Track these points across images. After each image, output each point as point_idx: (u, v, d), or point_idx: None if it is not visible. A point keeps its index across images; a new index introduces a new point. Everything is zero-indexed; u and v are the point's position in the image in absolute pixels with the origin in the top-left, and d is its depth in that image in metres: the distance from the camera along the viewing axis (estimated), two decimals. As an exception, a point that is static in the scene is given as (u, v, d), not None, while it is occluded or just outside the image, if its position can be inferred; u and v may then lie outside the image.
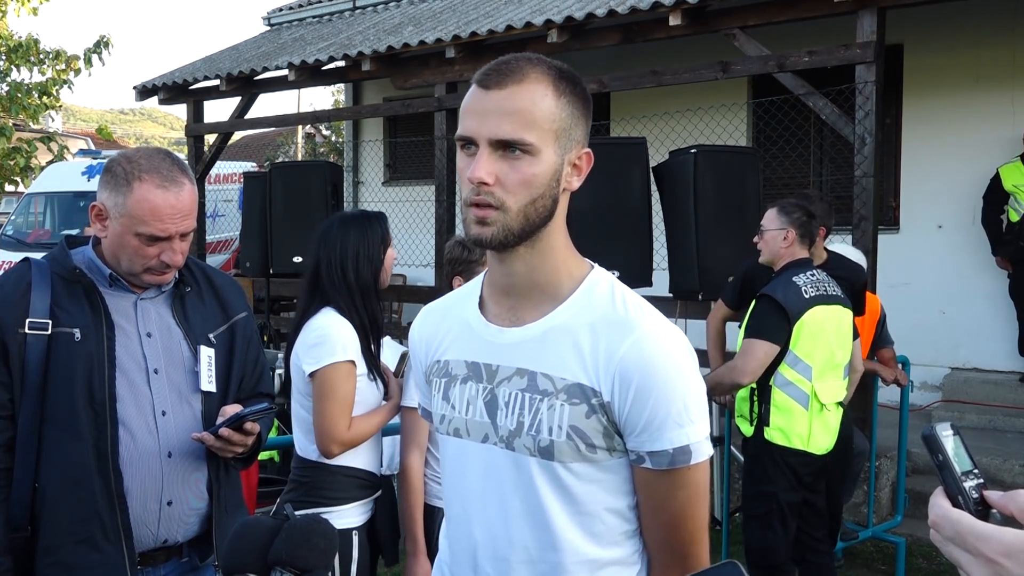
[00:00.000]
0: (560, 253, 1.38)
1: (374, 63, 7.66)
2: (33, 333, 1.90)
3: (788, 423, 3.55)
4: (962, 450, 0.90)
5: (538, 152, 1.29)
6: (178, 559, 2.07)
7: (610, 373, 1.31)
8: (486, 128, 1.28)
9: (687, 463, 1.31)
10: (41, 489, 1.91)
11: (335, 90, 22.29)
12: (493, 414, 1.38)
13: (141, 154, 1.99)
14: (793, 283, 3.57)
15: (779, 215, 3.72)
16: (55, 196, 11.20)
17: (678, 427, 1.30)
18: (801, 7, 5.68)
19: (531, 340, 1.37)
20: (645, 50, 7.00)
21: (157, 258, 1.97)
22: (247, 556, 1.47)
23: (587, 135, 1.37)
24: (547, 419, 1.33)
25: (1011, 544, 0.82)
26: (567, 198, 1.37)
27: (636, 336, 1.31)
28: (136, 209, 1.92)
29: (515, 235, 1.31)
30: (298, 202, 7.31)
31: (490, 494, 1.39)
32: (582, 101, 1.34)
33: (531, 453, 1.34)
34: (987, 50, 6.87)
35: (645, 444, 1.31)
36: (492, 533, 1.39)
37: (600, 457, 1.33)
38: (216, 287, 2.20)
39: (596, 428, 1.32)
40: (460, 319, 1.47)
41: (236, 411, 2.01)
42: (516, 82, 1.29)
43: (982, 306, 6.89)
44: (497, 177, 1.28)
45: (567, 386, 1.33)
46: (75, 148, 13.71)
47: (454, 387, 1.44)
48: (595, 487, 1.34)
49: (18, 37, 9.60)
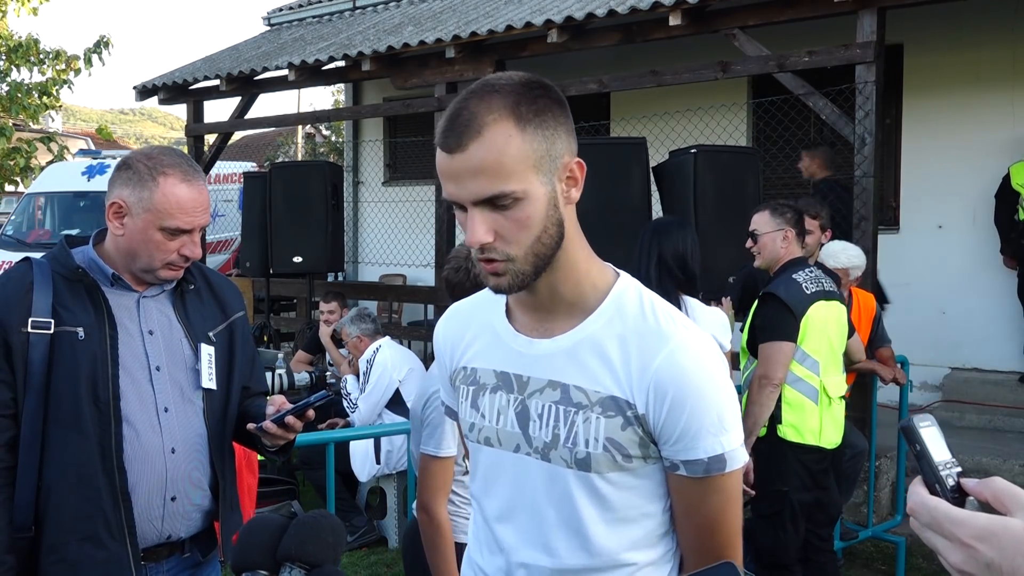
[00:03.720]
0: (581, 266, 1.37)
1: (374, 63, 7.66)
2: (36, 332, 1.91)
3: (800, 419, 3.58)
4: (940, 440, 0.92)
5: (525, 193, 1.26)
6: (180, 555, 2.08)
7: (644, 385, 1.31)
8: (466, 192, 1.26)
9: (722, 471, 1.32)
10: (45, 487, 1.91)
11: (335, 90, 22.29)
12: (525, 425, 1.39)
13: (159, 151, 2.05)
14: (794, 280, 3.60)
15: (773, 217, 3.74)
16: (55, 196, 11.20)
17: (713, 436, 1.31)
18: (801, 7, 5.68)
19: (561, 352, 1.37)
20: (645, 50, 7.00)
21: (177, 252, 2.00)
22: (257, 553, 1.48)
23: (571, 141, 1.32)
24: (583, 432, 1.33)
25: (984, 528, 0.84)
26: (573, 211, 1.35)
27: (670, 348, 1.31)
28: (163, 203, 1.96)
29: (530, 276, 1.31)
30: (298, 202, 7.31)
31: (523, 502, 1.40)
32: (552, 113, 1.29)
33: (568, 465, 1.35)
34: (987, 50, 6.87)
35: (680, 453, 1.32)
36: (528, 540, 1.40)
37: (635, 465, 1.34)
38: (214, 286, 2.22)
39: (632, 439, 1.33)
40: (487, 325, 1.47)
41: (283, 401, 2.03)
42: (475, 138, 1.24)
43: (982, 306, 6.89)
44: (495, 232, 1.28)
45: (601, 399, 1.33)
46: (75, 148, 13.71)
47: (483, 396, 1.45)
48: (631, 494, 1.36)
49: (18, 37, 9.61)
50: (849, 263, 4.55)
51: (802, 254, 3.78)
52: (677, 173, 5.25)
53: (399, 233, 10.12)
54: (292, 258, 7.33)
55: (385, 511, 5.36)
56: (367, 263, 10.98)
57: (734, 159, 5.42)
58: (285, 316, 9.95)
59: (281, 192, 7.39)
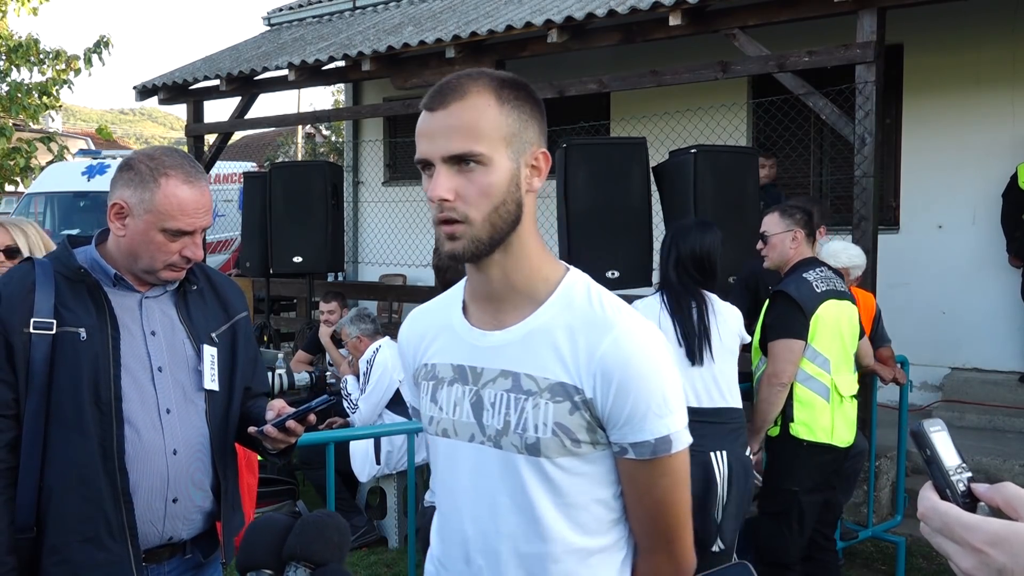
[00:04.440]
0: (534, 256, 1.44)
1: (374, 63, 7.66)
2: (38, 333, 1.91)
3: (811, 417, 3.58)
4: (950, 445, 0.92)
5: (490, 161, 1.34)
6: (182, 556, 2.08)
7: (591, 371, 1.37)
8: (437, 147, 1.36)
9: (668, 452, 1.38)
10: (47, 488, 1.91)
11: (335, 90, 22.31)
12: (479, 414, 1.45)
13: (161, 152, 2.03)
14: (804, 279, 3.63)
15: (782, 218, 3.78)
16: (55, 196, 11.20)
17: (658, 418, 1.37)
18: (801, 7, 5.68)
19: (513, 342, 1.43)
20: (645, 50, 7.00)
21: (179, 253, 2.00)
22: (262, 553, 1.49)
23: (542, 136, 1.42)
24: (532, 417, 1.39)
25: (996, 533, 0.84)
26: (532, 200, 1.42)
27: (615, 335, 1.37)
28: (164, 204, 1.95)
29: (485, 244, 1.37)
30: (298, 202, 7.31)
31: (479, 490, 1.45)
32: (529, 105, 1.40)
33: (519, 451, 1.40)
34: (987, 50, 6.88)
35: (628, 436, 1.38)
36: (482, 527, 1.45)
37: (584, 451, 1.39)
38: (216, 287, 2.21)
39: (580, 424, 1.38)
40: (445, 323, 1.54)
41: (283, 406, 2.03)
42: (458, 99, 1.35)
43: (982, 306, 6.89)
44: (456, 192, 1.35)
45: (550, 385, 1.39)
46: (75, 148, 13.71)
47: (441, 389, 1.50)
48: (581, 479, 1.41)
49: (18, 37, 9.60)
50: (850, 263, 4.55)
51: (812, 254, 3.80)
52: (677, 173, 5.25)
53: (399, 233, 10.12)
54: (292, 258, 7.33)
55: (385, 511, 5.36)
56: (367, 263, 10.98)
57: (734, 159, 5.42)
58: (285, 316, 9.95)
59: (281, 192, 7.38)
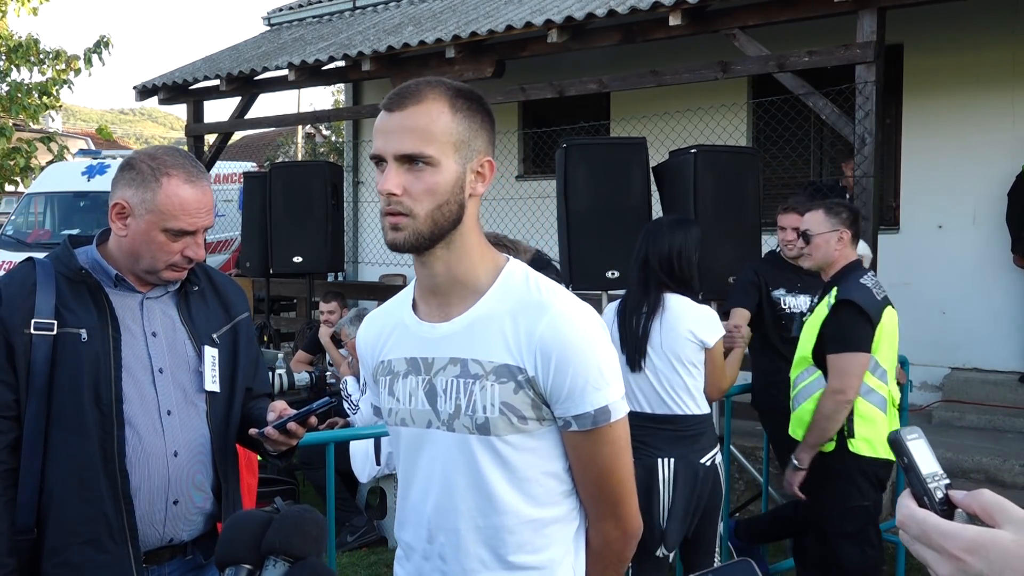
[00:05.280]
0: (476, 251, 1.54)
1: (374, 63, 7.66)
2: (39, 334, 1.90)
3: (873, 432, 3.39)
4: (927, 453, 0.93)
5: (438, 163, 1.44)
6: (183, 557, 2.08)
7: (532, 351, 1.47)
8: (391, 145, 1.45)
9: (608, 421, 1.49)
10: (47, 490, 1.91)
11: (335, 90, 22.30)
12: (433, 401, 1.54)
13: (162, 152, 2.03)
14: (864, 286, 3.42)
15: (828, 216, 3.52)
16: (55, 196, 11.20)
17: (596, 391, 1.47)
18: (801, 7, 5.68)
19: (460, 331, 1.53)
20: (645, 50, 7.00)
21: (180, 253, 1.99)
22: (241, 548, 1.49)
23: (490, 146, 1.53)
24: (480, 399, 1.49)
25: (973, 541, 0.85)
26: (476, 203, 1.53)
27: (550, 315, 1.47)
28: (166, 204, 1.95)
29: (425, 238, 1.47)
30: (298, 202, 7.31)
31: (436, 473, 1.54)
32: (480, 116, 1.50)
33: (470, 431, 1.50)
34: (987, 50, 6.88)
35: (570, 409, 1.48)
36: (441, 507, 1.54)
37: (532, 427, 1.49)
38: (218, 287, 2.21)
39: (525, 401, 1.48)
40: (398, 321, 1.63)
41: (284, 407, 2.03)
42: (415, 103, 1.45)
43: (982, 306, 6.89)
44: (404, 188, 1.44)
45: (495, 367, 1.49)
46: (75, 148, 13.71)
47: (397, 382, 1.60)
48: (530, 455, 1.51)
49: (18, 37, 9.61)
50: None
51: (857, 257, 3.58)
52: (677, 173, 5.24)
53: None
54: (292, 258, 7.33)
55: (385, 511, 5.37)
56: (367, 263, 10.98)
57: (734, 159, 5.42)
58: (285, 316, 9.95)
59: (281, 192, 7.39)
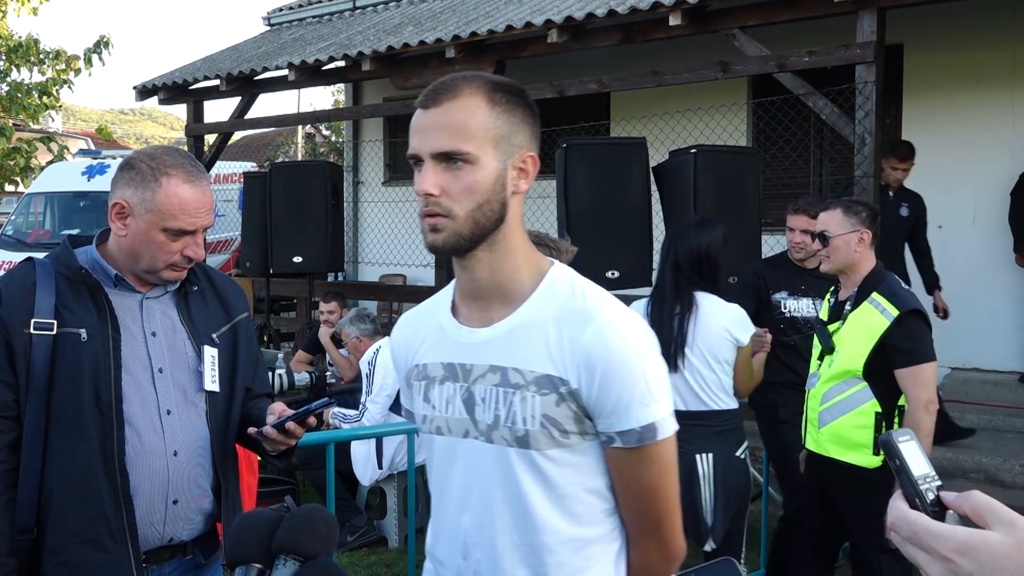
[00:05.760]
0: (519, 253, 1.46)
1: (374, 63, 7.66)
2: (38, 333, 1.90)
3: None
4: (919, 454, 0.93)
5: (477, 160, 1.38)
6: (182, 557, 2.08)
7: (575, 361, 1.39)
8: (427, 143, 1.39)
9: (654, 439, 1.40)
10: (47, 490, 1.91)
11: (335, 90, 22.31)
12: (471, 410, 1.47)
13: (162, 151, 2.03)
14: (911, 291, 3.33)
15: (847, 216, 3.36)
16: (55, 196, 11.20)
17: (643, 406, 1.39)
18: (801, 7, 5.68)
19: (500, 338, 1.45)
20: (645, 50, 7.00)
21: (180, 253, 1.99)
22: (251, 547, 1.49)
23: (534, 140, 1.45)
24: (521, 410, 1.41)
25: (964, 542, 0.85)
26: (519, 201, 1.45)
27: (596, 324, 1.40)
28: (166, 204, 1.95)
29: (466, 239, 1.40)
30: (298, 202, 7.31)
31: (474, 485, 1.47)
32: (521, 109, 1.43)
33: (509, 444, 1.43)
34: (987, 50, 6.88)
35: (614, 425, 1.40)
36: (479, 521, 1.47)
37: (573, 442, 1.42)
38: (217, 287, 2.21)
39: (567, 415, 1.40)
40: (435, 324, 1.56)
41: (283, 409, 2.03)
42: (450, 99, 1.39)
43: (982, 306, 6.88)
44: (442, 188, 1.38)
45: (536, 377, 1.41)
46: (75, 148, 13.71)
47: (433, 388, 1.53)
48: (571, 470, 1.43)
49: (18, 37, 9.61)
50: None
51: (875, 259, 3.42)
52: (677, 173, 5.24)
53: (399, 233, 10.12)
54: (292, 258, 7.33)
55: (385, 511, 5.37)
56: (367, 263, 10.98)
57: (734, 159, 5.42)
58: (285, 316, 9.95)
59: (281, 192, 7.39)
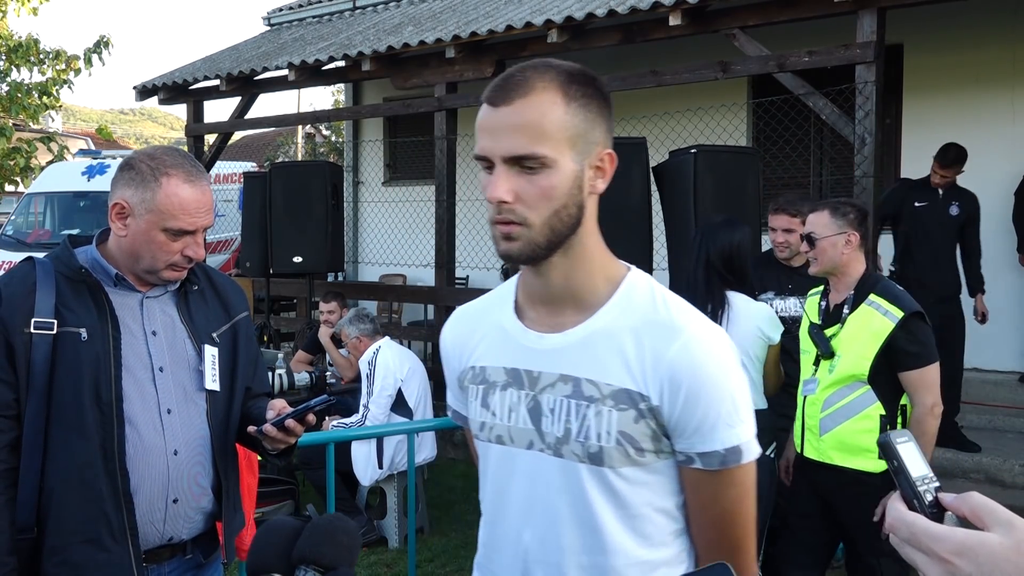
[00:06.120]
0: (596, 258, 1.38)
1: (374, 63, 7.66)
2: (39, 333, 1.91)
3: None
4: (917, 456, 0.93)
5: (554, 163, 1.27)
6: (182, 556, 2.09)
7: (658, 377, 1.31)
8: (499, 146, 1.28)
9: (738, 463, 1.32)
10: (47, 489, 1.91)
11: (335, 90, 22.32)
12: (537, 421, 1.38)
13: (162, 151, 2.04)
14: (906, 292, 3.28)
15: (834, 217, 3.30)
16: (55, 196, 11.21)
17: (728, 428, 1.31)
18: (801, 7, 5.68)
19: (573, 346, 1.36)
20: (645, 50, 7.00)
21: (180, 253, 2.00)
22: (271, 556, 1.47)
23: (609, 135, 1.35)
24: (595, 425, 1.33)
25: (962, 543, 0.85)
26: (595, 201, 1.36)
27: (684, 339, 1.31)
28: (166, 204, 1.95)
29: (542, 248, 1.31)
30: (298, 202, 7.31)
31: (537, 499, 1.39)
32: (598, 102, 1.32)
33: (580, 459, 1.34)
34: (987, 50, 6.88)
35: (696, 445, 1.32)
36: (542, 538, 1.39)
37: (648, 460, 1.34)
38: (217, 287, 2.21)
39: (645, 432, 1.32)
40: (495, 324, 1.46)
41: (283, 405, 2.03)
42: (522, 95, 1.27)
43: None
44: (516, 194, 1.28)
45: (613, 391, 1.33)
46: (75, 148, 13.71)
47: (493, 394, 1.44)
48: (644, 489, 1.35)
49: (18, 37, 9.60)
50: None
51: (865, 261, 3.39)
52: (677, 173, 5.24)
53: (399, 233, 10.12)
54: (292, 258, 7.32)
55: (385, 511, 5.36)
56: (367, 263, 10.98)
57: (734, 159, 5.41)
58: (285, 316, 9.95)
59: (281, 192, 7.38)
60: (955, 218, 5.83)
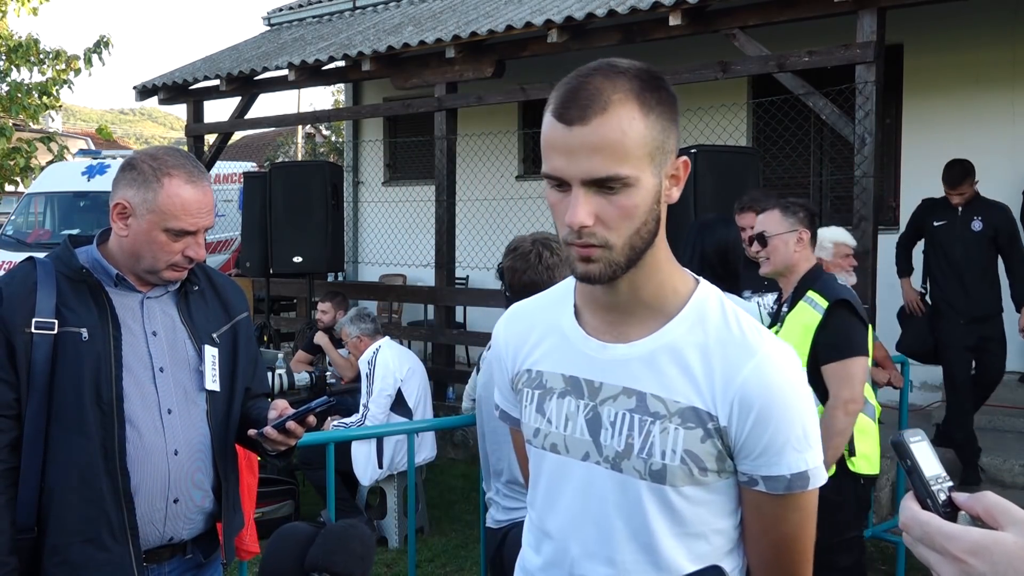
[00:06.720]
0: (664, 268, 1.33)
1: (374, 63, 7.66)
2: (39, 333, 1.91)
3: (871, 447, 3.18)
4: (930, 455, 0.93)
5: (636, 180, 1.21)
6: (182, 556, 2.09)
7: (728, 398, 1.27)
8: (577, 168, 1.20)
9: (804, 488, 1.29)
10: (48, 489, 1.91)
11: (335, 90, 22.31)
12: (596, 432, 1.34)
13: (163, 152, 2.04)
14: (846, 286, 3.21)
15: (785, 216, 3.28)
16: (55, 196, 11.21)
17: (797, 453, 1.27)
18: (801, 7, 5.68)
19: (638, 359, 1.32)
20: (645, 50, 6.98)
21: (181, 253, 2.00)
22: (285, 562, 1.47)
23: (678, 140, 1.29)
24: (660, 442, 1.29)
25: (976, 543, 0.85)
26: (666, 209, 1.31)
27: (757, 360, 1.27)
28: (167, 204, 1.95)
29: (623, 268, 1.26)
30: (298, 202, 7.31)
31: (590, 512, 1.35)
32: (670, 105, 1.26)
33: (641, 476, 1.31)
34: (987, 50, 6.88)
35: (761, 468, 1.29)
36: (591, 551, 1.35)
37: (710, 480, 1.31)
38: (217, 287, 2.22)
39: (710, 452, 1.29)
40: (553, 327, 1.42)
41: (285, 406, 2.03)
42: (599, 113, 1.19)
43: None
44: (596, 216, 1.22)
45: (681, 409, 1.29)
46: (75, 148, 13.71)
47: (550, 400, 1.39)
48: (703, 509, 1.32)
49: (18, 37, 9.59)
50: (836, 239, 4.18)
51: (816, 260, 3.34)
52: (677, 173, 5.24)
53: (399, 233, 10.12)
54: (292, 258, 7.32)
55: (385, 511, 5.36)
56: (367, 263, 10.98)
57: (734, 159, 5.42)
58: (285, 316, 9.95)
59: (281, 192, 7.38)
60: (979, 233, 5.46)
